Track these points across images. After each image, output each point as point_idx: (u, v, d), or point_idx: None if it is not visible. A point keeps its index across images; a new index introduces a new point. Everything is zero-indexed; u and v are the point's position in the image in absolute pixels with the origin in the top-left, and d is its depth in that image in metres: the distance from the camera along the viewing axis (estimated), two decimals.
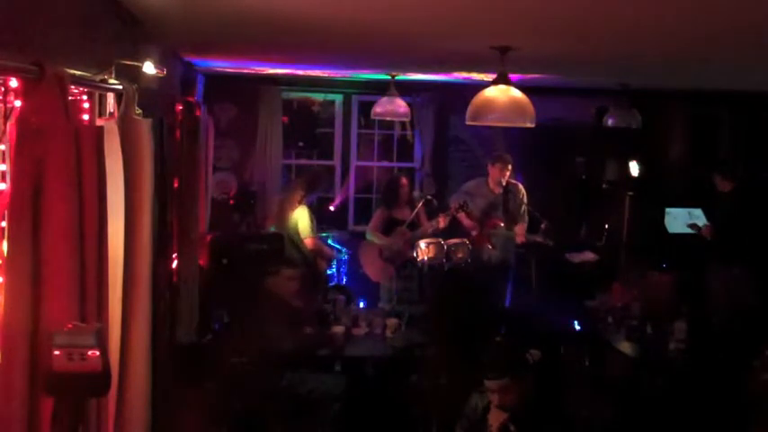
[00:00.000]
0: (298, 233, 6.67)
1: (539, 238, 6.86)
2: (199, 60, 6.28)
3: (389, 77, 6.97)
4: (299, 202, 6.73)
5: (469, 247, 6.51)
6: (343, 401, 4.89)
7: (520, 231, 6.84)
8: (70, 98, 2.25)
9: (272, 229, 7.17)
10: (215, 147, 7.13)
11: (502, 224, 6.76)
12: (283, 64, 6.50)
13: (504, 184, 6.83)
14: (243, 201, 8.02)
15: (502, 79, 4.26)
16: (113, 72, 2.90)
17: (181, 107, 5.22)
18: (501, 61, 4.19)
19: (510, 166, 6.80)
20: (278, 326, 4.92)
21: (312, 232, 6.70)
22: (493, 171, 6.84)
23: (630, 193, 8.03)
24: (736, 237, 6.48)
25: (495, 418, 3.53)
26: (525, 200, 7.00)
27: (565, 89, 8.16)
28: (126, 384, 2.87)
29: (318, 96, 8.83)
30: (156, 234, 3.69)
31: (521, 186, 7.02)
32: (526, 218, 6.99)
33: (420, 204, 6.85)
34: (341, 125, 8.70)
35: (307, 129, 8.93)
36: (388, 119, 8.32)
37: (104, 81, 2.79)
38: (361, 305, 7.38)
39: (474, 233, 6.69)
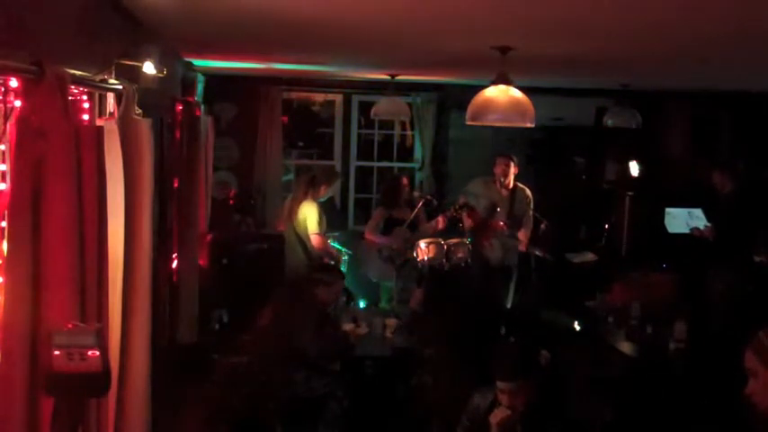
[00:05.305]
0: (306, 230, 6.51)
1: (538, 252, 6.86)
2: (199, 60, 6.28)
3: (389, 77, 6.97)
4: (308, 198, 6.58)
5: (469, 247, 6.51)
6: (344, 401, 4.89)
7: (523, 238, 6.82)
8: (70, 98, 2.25)
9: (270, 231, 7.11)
10: (215, 147, 7.12)
11: (505, 228, 6.73)
12: (283, 63, 6.50)
13: (508, 181, 6.80)
14: (243, 201, 8.02)
15: (502, 79, 4.25)
16: (113, 72, 2.90)
17: (181, 107, 5.22)
18: (501, 61, 4.19)
19: (513, 163, 6.76)
20: (311, 331, 4.93)
21: (320, 229, 6.52)
22: (496, 169, 6.81)
23: (630, 193, 8.03)
24: (736, 237, 6.47)
25: (497, 417, 3.52)
26: (531, 204, 6.95)
27: (565, 89, 8.17)
28: (126, 384, 2.87)
29: (318, 96, 8.84)
30: (156, 234, 3.69)
31: (528, 191, 6.96)
32: (531, 223, 6.94)
33: (420, 204, 6.84)
34: (341, 125, 8.70)
35: (307, 129, 8.95)
36: (388, 119, 8.34)
37: (104, 81, 2.78)
38: (362, 305, 7.39)
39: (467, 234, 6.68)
